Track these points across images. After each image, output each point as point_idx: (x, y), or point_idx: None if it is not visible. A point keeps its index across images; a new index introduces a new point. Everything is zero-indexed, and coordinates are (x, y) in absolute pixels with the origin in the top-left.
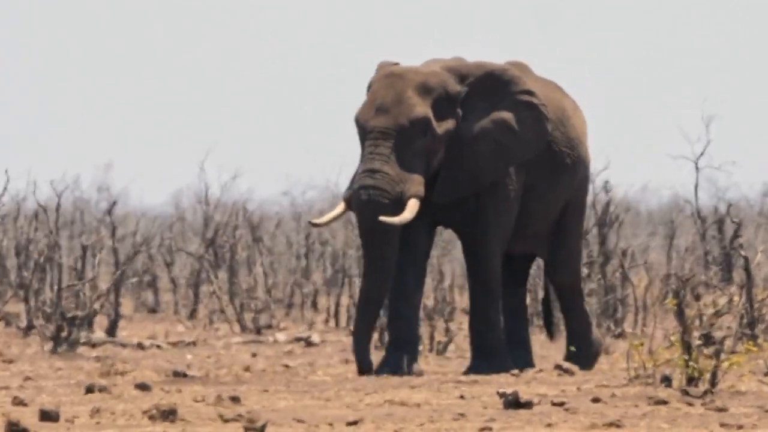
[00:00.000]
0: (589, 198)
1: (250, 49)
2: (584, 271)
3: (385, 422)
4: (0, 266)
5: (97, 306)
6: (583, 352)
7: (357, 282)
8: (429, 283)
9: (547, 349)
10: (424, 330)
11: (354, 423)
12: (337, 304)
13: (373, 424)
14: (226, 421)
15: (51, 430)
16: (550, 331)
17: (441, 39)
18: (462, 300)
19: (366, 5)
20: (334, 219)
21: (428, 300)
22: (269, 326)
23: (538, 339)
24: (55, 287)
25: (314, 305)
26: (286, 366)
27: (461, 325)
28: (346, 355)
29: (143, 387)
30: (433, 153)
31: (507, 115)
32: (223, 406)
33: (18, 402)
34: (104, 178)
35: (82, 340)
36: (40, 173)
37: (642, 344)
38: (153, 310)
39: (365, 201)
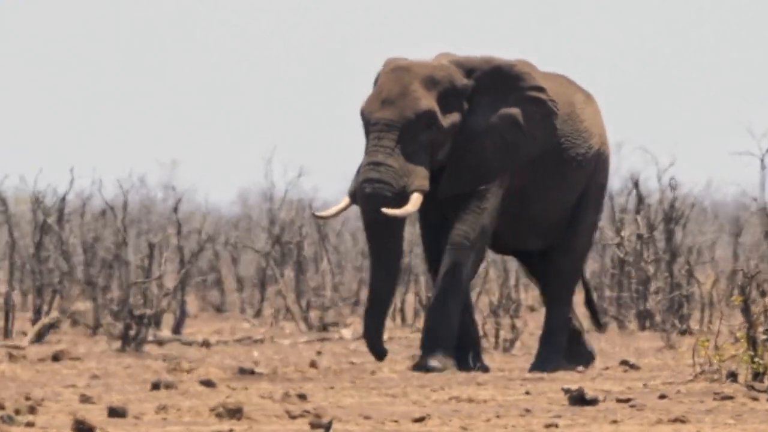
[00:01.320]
0: (656, 196)
1: (316, 47)
2: (650, 269)
3: (451, 418)
4: (67, 264)
5: (164, 304)
6: (546, 350)
7: (422, 279)
8: (494, 279)
9: (612, 345)
10: (490, 327)
11: (420, 419)
12: (403, 301)
13: (439, 421)
14: (293, 417)
15: (118, 427)
16: (598, 323)
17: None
18: (527, 297)
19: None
20: (339, 212)
21: (493, 297)
22: (335, 323)
23: (605, 335)
24: (123, 285)
25: None
26: (352, 363)
27: (527, 322)
28: (412, 351)
29: (209, 384)
30: (438, 146)
31: (514, 111)
32: (289, 403)
33: (85, 400)
34: (170, 175)
35: (149, 338)
36: (106, 171)
37: (708, 340)
38: (219, 309)
39: (369, 194)
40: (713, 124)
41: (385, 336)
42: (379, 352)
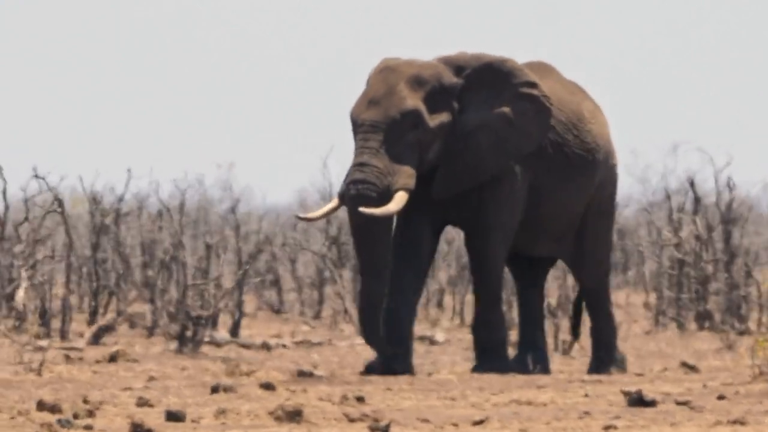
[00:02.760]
0: (712, 197)
1: (373, 47)
2: (709, 269)
3: (511, 421)
4: (124, 266)
5: (221, 305)
6: (606, 358)
7: None
8: (552, 282)
9: (671, 346)
10: (548, 329)
11: (479, 422)
12: (462, 303)
13: (499, 424)
14: (351, 420)
15: (176, 431)
16: (575, 332)
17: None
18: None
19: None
20: (327, 214)
21: (552, 299)
22: None
23: (663, 336)
24: (180, 287)
25: (439, 304)
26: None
27: (585, 323)
28: (470, 353)
29: (269, 387)
30: (426, 146)
31: (506, 108)
32: (348, 406)
33: (143, 402)
34: (227, 176)
35: (206, 340)
36: (163, 172)
37: (766, 341)
38: (276, 310)
39: (354, 196)
40: None
41: (443, 338)
42: (383, 351)
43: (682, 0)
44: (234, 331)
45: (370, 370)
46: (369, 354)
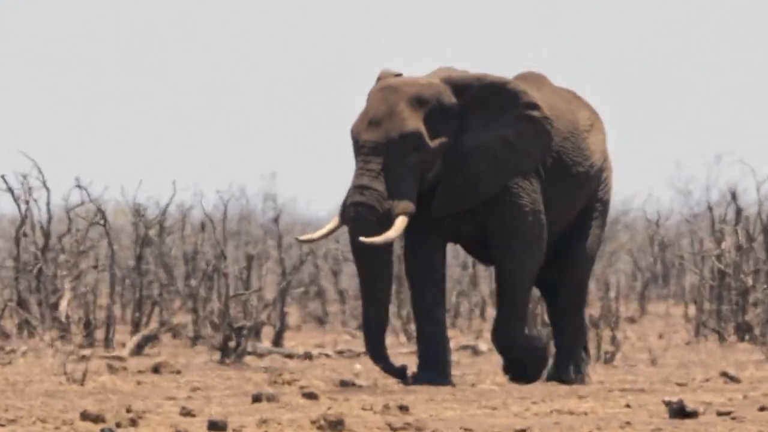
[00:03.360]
0: (754, 208)
1: (413, 57)
2: (749, 280)
3: (552, 431)
4: (167, 276)
5: (264, 316)
6: (568, 361)
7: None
8: (594, 293)
9: (712, 357)
10: (590, 339)
11: None
12: None
13: None
14: (394, 430)
15: None
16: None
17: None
18: (627, 309)
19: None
20: (327, 234)
21: (594, 310)
22: None
23: (704, 347)
24: (223, 297)
25: (482, 314)
26: (453, 375)
27: (626, 333)
28: None
29: (311, 396)
30: (427, 167)
31: (506, 130)
32: (390, 415)
33: (186, 412)
34: (270, 187)
35: (249, 350)
36: (207, 184)
37: None
38: (320, 321)
39: (353, 218)
40: None
41: (486, 347)
42: (391, 371)
43: (725, 12)
44: (277, 341)
45: (412, 381)
46: (410, 365)
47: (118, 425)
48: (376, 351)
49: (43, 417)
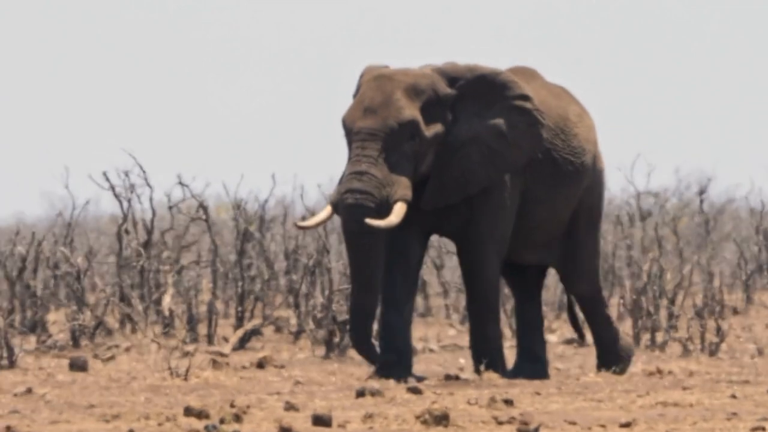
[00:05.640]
0: None
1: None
2: None
3: (657, 423)
4: (269, 271)
5: None
6: (612, 360)
7: (627, 284)
8: (698, 282)
9: None
10: (695, 330)
11: (627, 425)
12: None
13: (646, 425)
14: (500, 423)
15: None
16: (579, 332)
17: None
18: (731, 299)
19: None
20: (321, 223)
21: (697, 299)
22: None
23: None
24: (326, 291)
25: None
26: (558, 369)
27: (732, 324)
28: None
29: (416, 391)
30: (422, 157)
31: (499, 121)
32: (495, 409)
33: (290, 407)
34: None
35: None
36: (307, 177)
37: None
38: (423, 314)
39: (351, 204)
40: None
41: (591, 339)
42: (374, 360)
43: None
44: None
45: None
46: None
47: (222, 421)
48: (362, 336)
49: (146, 413)
